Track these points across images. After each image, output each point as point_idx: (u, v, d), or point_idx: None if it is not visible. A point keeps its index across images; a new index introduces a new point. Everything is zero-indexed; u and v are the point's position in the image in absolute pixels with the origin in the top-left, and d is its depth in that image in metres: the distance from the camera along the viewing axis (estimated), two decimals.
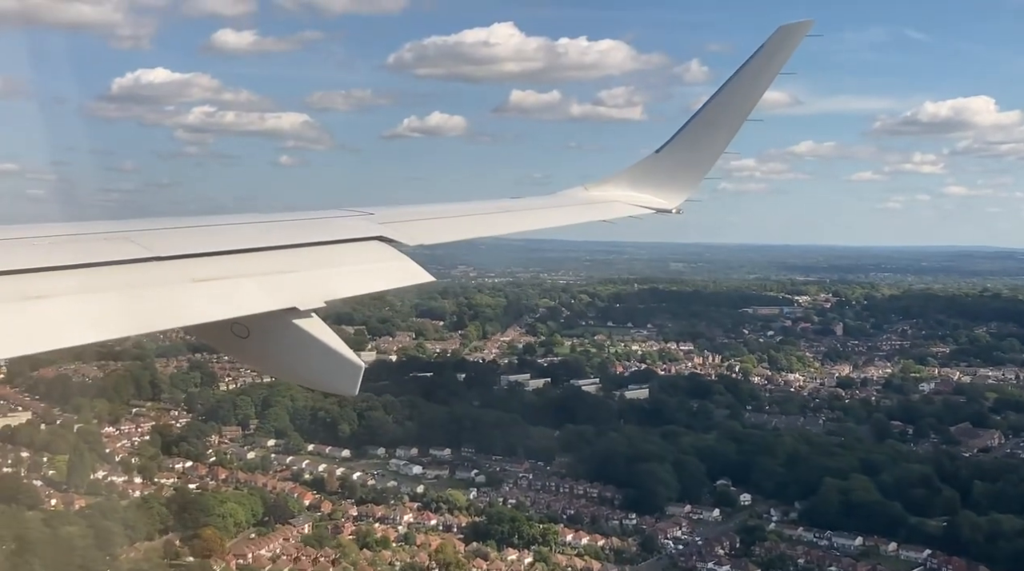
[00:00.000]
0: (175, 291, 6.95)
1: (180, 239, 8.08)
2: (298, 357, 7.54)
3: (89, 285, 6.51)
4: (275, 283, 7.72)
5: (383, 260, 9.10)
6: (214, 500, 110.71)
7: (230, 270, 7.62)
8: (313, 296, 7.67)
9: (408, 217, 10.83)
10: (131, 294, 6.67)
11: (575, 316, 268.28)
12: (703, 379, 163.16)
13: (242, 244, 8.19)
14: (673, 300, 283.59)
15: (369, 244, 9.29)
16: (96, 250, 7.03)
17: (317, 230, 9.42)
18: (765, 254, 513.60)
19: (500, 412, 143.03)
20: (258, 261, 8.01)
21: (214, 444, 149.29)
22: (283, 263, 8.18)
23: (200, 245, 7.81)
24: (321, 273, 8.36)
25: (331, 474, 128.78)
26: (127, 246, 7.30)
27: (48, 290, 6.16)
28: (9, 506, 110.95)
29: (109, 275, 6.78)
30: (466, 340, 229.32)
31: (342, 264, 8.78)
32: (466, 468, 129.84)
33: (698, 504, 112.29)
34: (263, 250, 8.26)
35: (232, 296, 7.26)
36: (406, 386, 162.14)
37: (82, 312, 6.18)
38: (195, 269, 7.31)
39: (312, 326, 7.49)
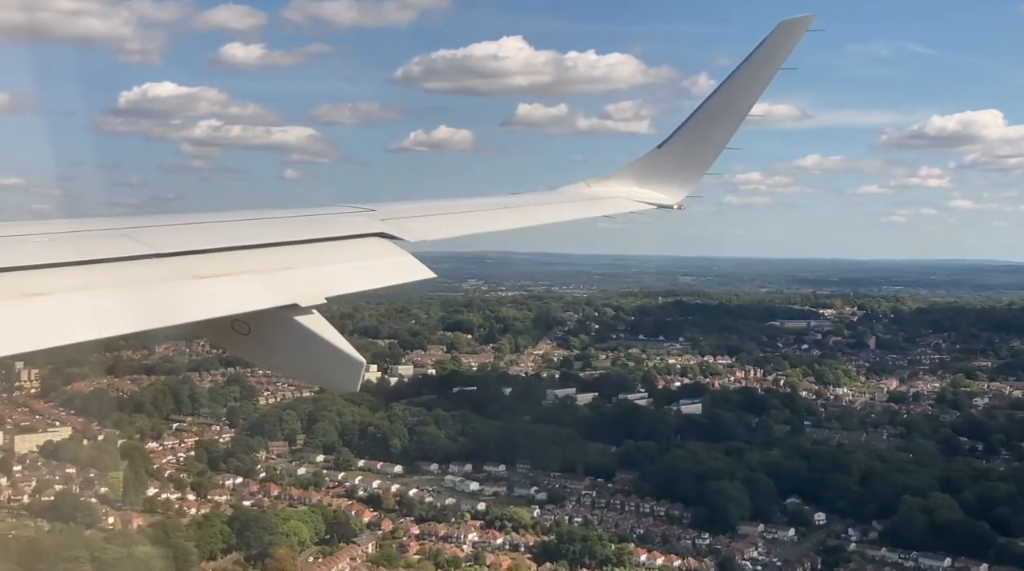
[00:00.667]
0: (176, 288, 6.83)
1: (181, 236, 7.95)
2: (299, 354, 7.40)
3: (90, 282, 6.38)
4: (276, 280, 7.60)
5: (384, 256, 8.97)
6: (277, 518, 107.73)
7: (231, 267, 7.49)
8: (314, 293, 7.52)
9: (409, 213, 10.63)
10: (132, 291, 6.55)
11: (605, 329, 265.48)
12: (756, 394, 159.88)
13: (243, 241, 8.02)
14: (699, 313, 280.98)
15: (370, 240, 9.14)
16: (97, 247, 6.88)
17: (318, 226, 9.27)
18: (773, 267, 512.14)
19: (554, 427, 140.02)
20: (259, 258, 7.89)
21: (262, 460, 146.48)
22: (284, 260, 8.06)
23: (201, 242, 7.69)
24: (322, 269, 8.25)
25: (387, 491, 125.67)
26: (128, 243, 7.16)
27: (49, 287, 6.06)
28: (68, 524, 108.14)
29: (110, 272, 6.66)
30: (500, 353, 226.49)
31: (343, 260, 8.66)
32: (524, 485, 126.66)
33: (771, 523, 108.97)
34: (264, 247, 8.12)
35: (233, 293, 7.12)
36: (453, 400, 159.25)
37: (83, 309, 6.07)
38: (196, 266, 7.18)
39: (313, 323, 7.32)
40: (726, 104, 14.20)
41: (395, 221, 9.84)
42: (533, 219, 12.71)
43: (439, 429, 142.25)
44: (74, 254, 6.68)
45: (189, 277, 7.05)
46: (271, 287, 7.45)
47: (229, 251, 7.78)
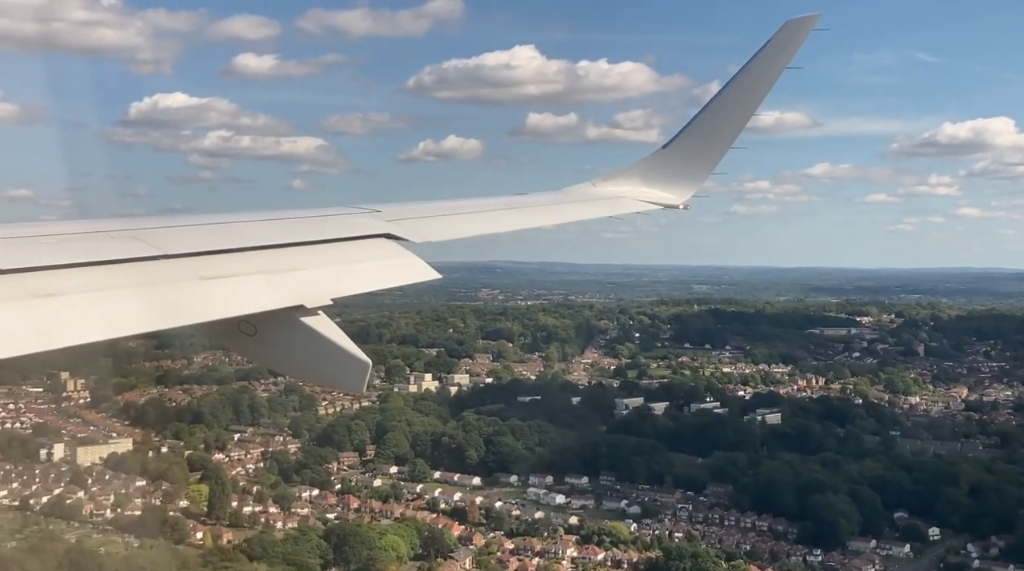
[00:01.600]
0: (183, 289, 6.78)
1: (187, 237, 7.84)
2: (306, 355, 7.29)
3: (99, 283, 6.33)
4: (282, 281, 7.52)
5: (390, 257, 8.83)
6: (373, 532, 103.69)
7: (237, 268, 7.40)
8: (320, 294, 7.41)
9: (415, 214, 10.45)
10: (140, 292, 6.49)
11: (649, 337, 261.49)
12: (834, 403, 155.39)
13: (249, 242, 7.94)
14: (736, 321, 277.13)
15: (376, 241, 9.01)
16: (104, 248, 6.85)
17: (324, 228, 9.15)
18: (783, 276, 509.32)
19: (635, 437, 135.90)
20: (265, 259, 7.81)
21: (333, 471, 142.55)
22: (290, 261, 8.00)
23: (207, 243, 7.59)
24: (328, 270, 8.16)
25: (471, 504, 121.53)
26: (135, 244, 7.11)
27: (57, 288, 6.02)
28: (156, 540, 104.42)
29: (117, 273, 6.60)
30: (548, 362, 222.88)
31: (349, 261, 8.54)
32: (613, 498, 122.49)
33: (883, 539, 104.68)
34: (270, 248, 8.02)
35: (239, 294, 7.04)
36: (523, 410, 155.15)
37: (91, 310, 6.02)
38: (202, 267, 7.11)
39: (319, 324, 7.23)
40: (732, 104, 13.96)
41: (400, 222, 9.65)
42: (540, 220, 12.42)
43: (516, 439, 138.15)
44: (83, 255, 6.57)
45: (196, 278, 6.95)
46: (277, 288, 7.34)
47: (235, 252, 7.65)
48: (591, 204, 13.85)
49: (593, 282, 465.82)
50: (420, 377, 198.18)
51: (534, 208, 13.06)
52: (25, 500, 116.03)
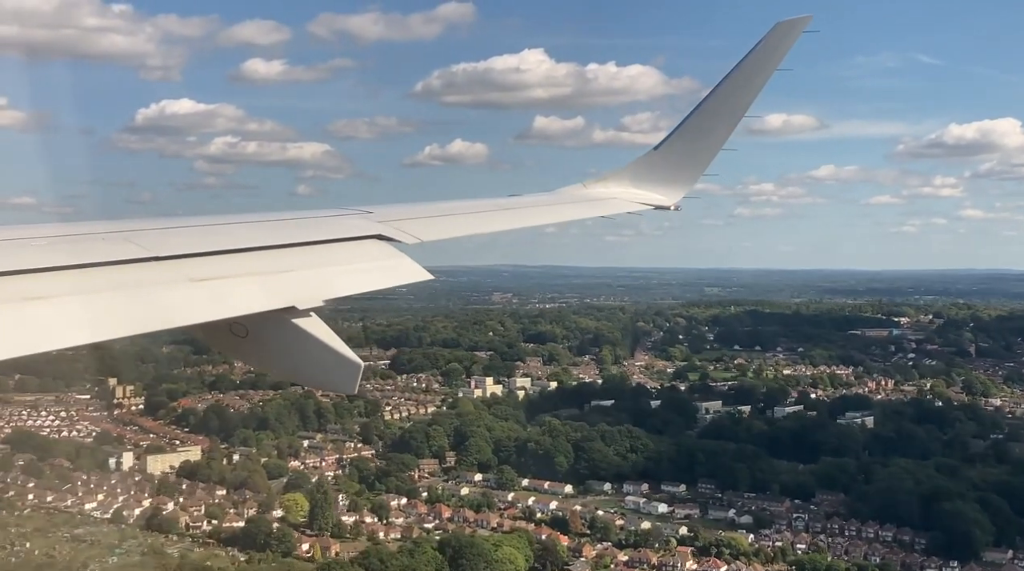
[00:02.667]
0: (173, 291, 6.68)
1: (178, 239, 7.74)
2: (297, 356, 7.17)
3: (86, 286, 6.24)
4: (273, 282, 7.37)
5: (382, 258, 8.70)
6: (487, 544, 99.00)
7: (228, 269, 7.28)
8: (312, 295, 7.30)
9: (406, 215, 10.23)
10: (129, 294, 6.41)
11: (696, 340, 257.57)
12: (926, 405, 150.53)
13: (240, 243, 7.80)
14: (778, 323, 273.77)
15: (367, 242, 8.89)
16: (93, 250, 6.73)
17: (315, 229, 9.04)
18: (791, 278, 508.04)
19: (731, 443, 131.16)
20: (256, 260, 7.65)
21: (414, 478, 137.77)
22: (281, 262, 7.84)
23: (198, 245, 7.49)
24: (319, 272, 7.99)
25: (573, 513, 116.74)
26: (125, 246, 7.03)
27: (45, 291, 5.95)
28: (264, 553, 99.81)
29: (106, 275, 6.46)
30: (601, 364, 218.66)
31: (340, 262, 8.40)
32: (719, 506, 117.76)
33: (1019, 549, 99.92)
34: (261, 249, 7.86)
35: (230, 296, 6.95)
36: (605, 415, 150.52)
37: (79, 313, 5.96)
38: (193, 269, 7.01)
39: (311, 325, 7.10)
40: (723, 105, 13.82)
41: (392, 223, 9.47)
42: (532, 220, 12.29)
43: (607, 445, 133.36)
44: (71, 258, 6.46)
45: (186, 280, 6.81)
46: (268, 289, 7.17)
47: (226, 254, 7.50)
48: (582, 205, 13.64)
49: (603, 285, 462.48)
50: (481, 381, 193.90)
51: (525, 209, 12.84)
52: (118, 512, 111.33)
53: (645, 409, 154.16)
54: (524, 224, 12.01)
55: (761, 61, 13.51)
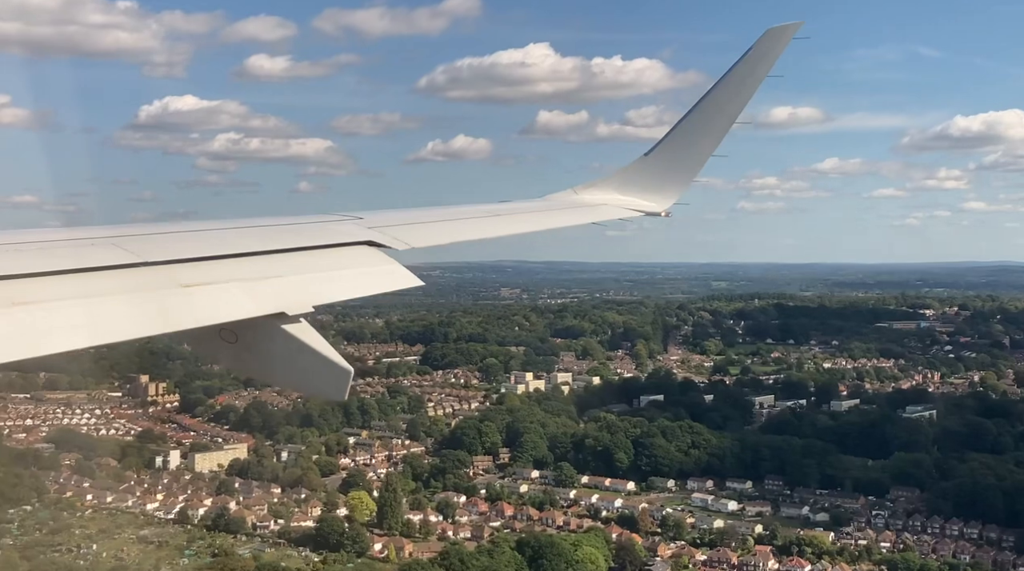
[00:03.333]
0: (163, 296, 6.67)
1: (168, 244, 7.64)
2: (287, 362, 7.07)
3: (78, 291, 6.22)
4: (263, 288, 7.32)
5: (372, 264, 8.68)
6: (566, 544, 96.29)
7: (218, 275, 7.23)
8: (302, 301, 7.26)
9: (397, 221, 10.18)
10: (119, 300, 6.37)
11: (728, 333, 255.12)
12: (990, 399, 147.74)
13: (230, 249, 7.74)
14: (804, 316, 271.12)
15: (358, 249, 8.86)
16: (84, 256, 6.70)
17: (306, 235, 8.92)
18: (798, 272, 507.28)
19: (796, 438, 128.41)
20: (247, 266, 7.60)
21: (470, 476, 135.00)
22: (272, 268, 7.78)
23: (188, 250, 7.44)
24: (310, 278, 7.95)
25: (643, 512, 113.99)
26: (115, 252, 6.99)
27: (36, 296, 5.94)
28: (338, 553, 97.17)
29: (97, 280, 6.45)
30: (637, 359, 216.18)
31: (331, 269, 8.32)
32: (791, 503, 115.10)
33: None
34: (252, 255, 7.82)
35: (220, 301, 6.90)
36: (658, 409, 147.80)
37: (70, 318, 5.94)
38: (183, 274, 6.99)
39: (301, 331, 7.04)
40: (713, 111, 13.75)
41: (383, 229, 9.43)
42: (522, 226, 12.23)
43: (668, 441, 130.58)
44: (63, 263, 6.44)
45: (176, 285, 6.79)
46: (258, 295, 7.13)
47: (216, 260, 7.45)
48: (572, 211, 13.73)
49: (609, 280, 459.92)
50: (521, 376, 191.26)
51: (516, 215, 12.89)
52: (183, 512, 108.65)
53: (698, 404, 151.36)
54: (514, 230, 12.00)
55: (752, 67, 13.41)
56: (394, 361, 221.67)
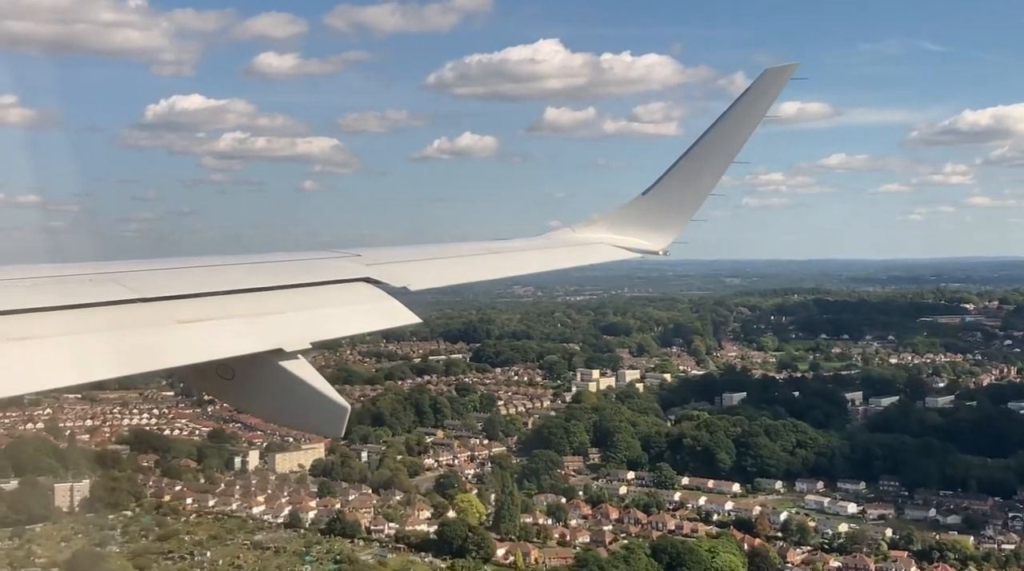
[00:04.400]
0: (160, 333, 6.63)
1: (165, 280, 7.62)
2: (283, 399, 6.99)
3: (74, 327, 6.19)
4: (261, 324, 7.31)
5: (369, 301, 8.58)
6: (703, 550, 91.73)
7: (215, 311, 7.19)
8: (299, 337, 7.25)
9: (394, 258, 10.21)
10: (115, 336, 6.33)
11: (781, 329, 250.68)
12: None
13: (228, 285, 7.69)
14: (846, 311, 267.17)
15: (356, 285, 8.82)
16: (80, 292, 6.68)
17: (304, 272, 8.92)
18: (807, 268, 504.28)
19: (904, 436, 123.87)
20: (244, 302, 7.56)
21: (561, 476, 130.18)
22: (269, 304, 7.72)
23: (185, 286, 7.40)
24: (307, 314, 7.89)
25: (761, 515, 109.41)
26: (112, 287, 6.98)
27: (31, 332, 5.90)
28: (465, 559, 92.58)
29: (93, 317, 6.40)
30: (695, 355, 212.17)
31: (328, 305, 8.26)
32: (915, 505, 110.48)
33: None
34: (249, 292, 7.79)
35: (217, 338, 6.86)
36: (758, 407, 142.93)
37: (65, 354, 5.92)
38: (180, 310, 6.95)
39: (298, 368, 7.02)
40: (711, 151, 13.81)
41: (380, 266, 9.37)
42: (519, 267, 12.41)
43: (772, 440, 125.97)
44: (58, 299, 6.41)
45: (173, 322, 6.75)
46: (256, 332, 7.14)
47: (214, 296, 7.38)
48: (570, 250, 13.73)
49: (620, 277, 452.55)
50: (587, 373, 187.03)
51: (515, 254, 12.85)
52: (294, 515, 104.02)
53: (791, 401, 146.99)
54: (514, 272, 12.08)
55: (749, 108, 13.38)
56: (443, 359, 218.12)
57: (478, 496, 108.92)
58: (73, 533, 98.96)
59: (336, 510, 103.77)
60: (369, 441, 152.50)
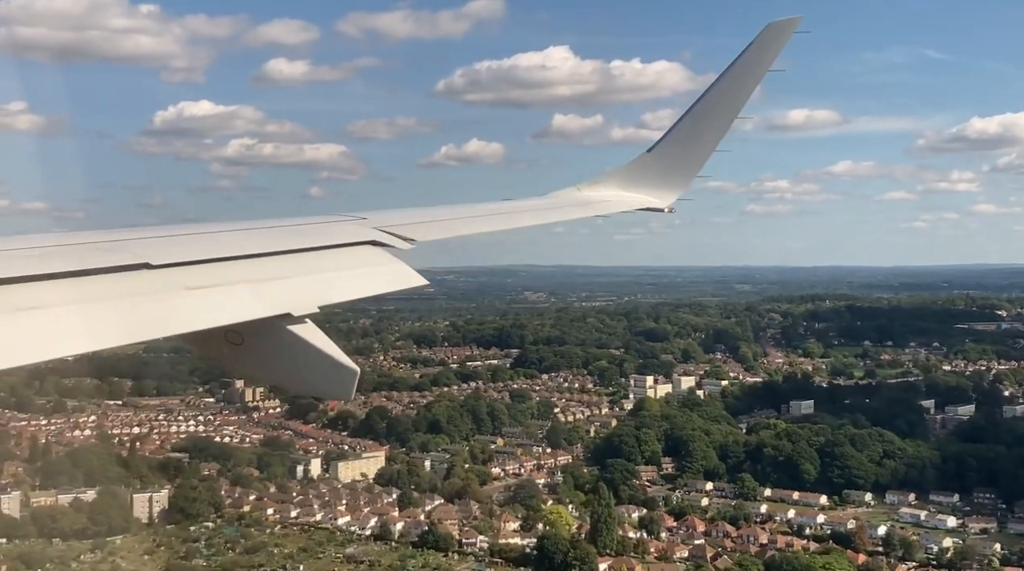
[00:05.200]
0: (168, 299, 6.63)
1: (172, 247, 7.58)
2: (293, 363, 7.04)
3: (81, 295, 6.17)
4: (268, 289, 7.27)
5: (377, 264, 8.65)
6: (815, 566, 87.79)
7: (223, 277, 7.17)
8: (307, 301, 7.22)
9: (401, 220, 10.13)
10: (124, 303, 6.34)
11: (822, 335, 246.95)
12: None
13: (235, 251, 7.66)
14: (882, 317, 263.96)
15: (363, 248, 8.83)
16: (87, 259, 6.64)
17: (310, 236, 8.91)
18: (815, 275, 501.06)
19: (998, 446, 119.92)
20: (251, 268, 7.53)
21: (639, 488, 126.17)
22: (276, 269, 7.71)
23: (192, 253, 7.39)
24: (315, 278, 7.88)
25: (860, 528, 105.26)
26: (119, 255, 6.92)
27: (40, 300, 5.88)
28: None
29: (101, 284, 6.40)
30: (744, 362, 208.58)
31: (336, 269, 8.24)
32: (1018, 519, 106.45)
33: None
34: (256, 257, 7.74)
35: (225, 303, 6.87)
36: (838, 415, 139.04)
37: (75, 322, 5.93)
38: (188, 277, 6.92)
39: (306, 332, 7.04)
40: (715, 107, 13.69)
41: (387, 228, 9.40)
42: (524, 221, 12.20)
43: (858, 450, 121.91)
44: (65, 266, 6.35)
45: (181, 288, 6.74)
46: (263, 297, 7.09)
47: (221, 262, 7.36)
48: (576, 207, 13.55)
49: (630, 284, 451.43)
50: (641, 380, 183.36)
51: (519, 212, 12.66)
52: (384, 527, 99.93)
53: (863, 407, 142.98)
54: (517, 225, 12.03)
55: (753, 62, 13.27)
56: (480, 365, 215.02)
57: (593, 508, 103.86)
58: (155, 545, 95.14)
59: (426, 522, 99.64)
60: (429, 449, 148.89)
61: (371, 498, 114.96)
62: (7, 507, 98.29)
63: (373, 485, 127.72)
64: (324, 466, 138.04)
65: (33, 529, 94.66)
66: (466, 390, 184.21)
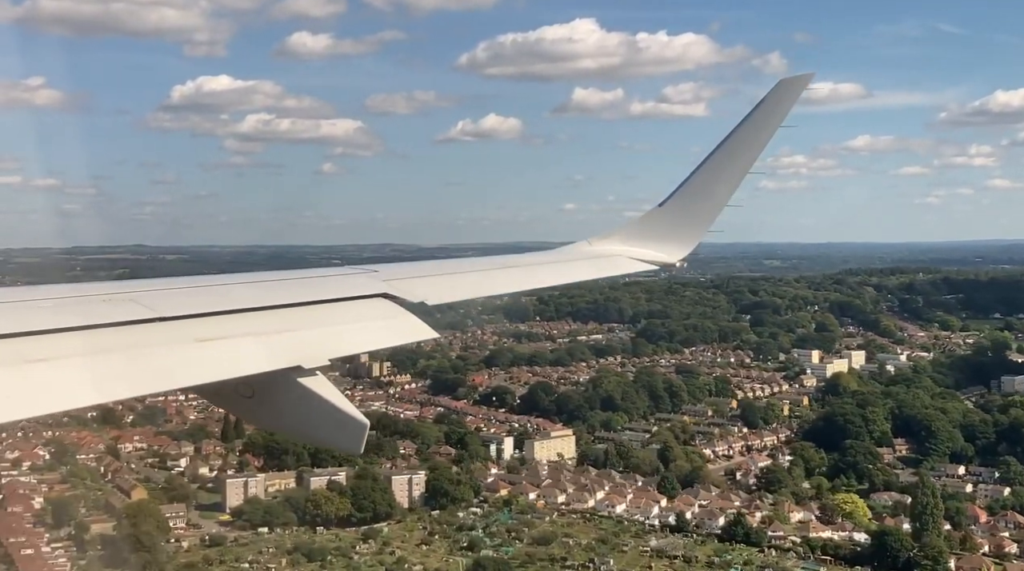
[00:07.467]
0: (178, 352, 6.62)
1: (183, 299, 7.56)
2: (303, 415, 6.96)
3: (92, 347, 6.16)
4: (279, 342, 7.24)
5: (387, 317, 8.44)
6: None
7: (234, 330, 7.13)
8: (318, 354, 7.19)
9: (411, 274, 10.14)
10: (134, 355, 6.31)
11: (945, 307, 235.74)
12: None
13: (246, 303, 7.60)
14: (981, 290, 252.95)
15: (373, 301, 8.62)
16: (100, 312, 6.66)
17: (321, 288, 8.82)
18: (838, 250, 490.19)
19: None
20: (262, 320, 7.47)
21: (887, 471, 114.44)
22: (287, 322, 7.62)
23: (203, 305, 7.34)
24: (325, 331, 7.78)
25: None
26: (130, 307, 6.93)
27: (50, 353, 5.89)
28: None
29: (111, 336, 6.36)
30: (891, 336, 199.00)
31: (346, 321, 8.10)
32: None
33: None
34: (267, 309, 7.66)
35: (236, 356, 6.84)
36: None
37: (84, 374, 5.92)
38: (198, 329, 6.89)
39: (317, 384, 6.97)
40: (727, 162, 13.32)
41: (397, 282, 9.24)
42: (536, 281, 12.15)
43: None
44: (77, 319, 6.34)
45: (192, 340, 6.72)
46: (274, 349, 7.08)
47: (232, 314, 7.31)
48: (586, 263, 13.39)
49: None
50: (806, 355, 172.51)
51: (531, 268, 12.55)
52: (681, 517, 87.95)
53: None
54: (531, 285, 11.99)
55: (764, 119, 12.94)
56: (600, 338, 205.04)
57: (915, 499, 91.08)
58: (427, 534, 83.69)
59: (735, 513, 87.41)
60: (612, 428, 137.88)
61: (620, 483, 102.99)
62: (253, 490, 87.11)
63: (586, 468, 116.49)
64: (517, 446, 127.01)
65: (293, 516, 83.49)
66: (613, 364, 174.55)
